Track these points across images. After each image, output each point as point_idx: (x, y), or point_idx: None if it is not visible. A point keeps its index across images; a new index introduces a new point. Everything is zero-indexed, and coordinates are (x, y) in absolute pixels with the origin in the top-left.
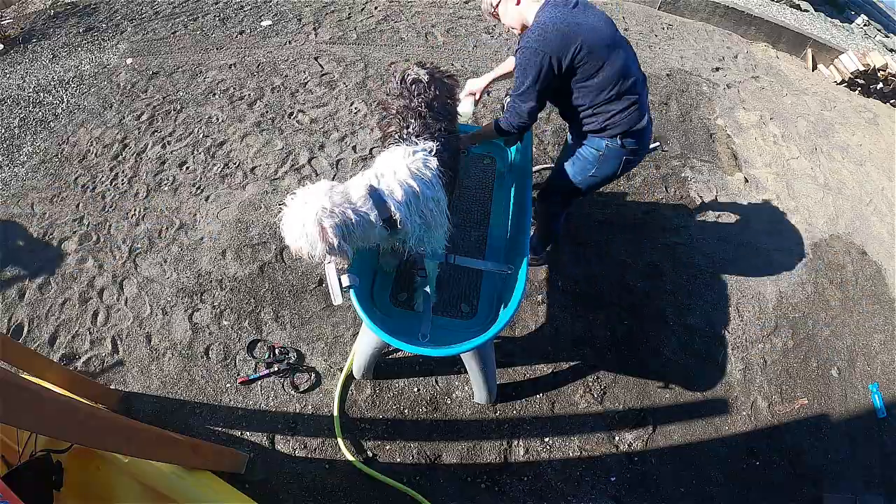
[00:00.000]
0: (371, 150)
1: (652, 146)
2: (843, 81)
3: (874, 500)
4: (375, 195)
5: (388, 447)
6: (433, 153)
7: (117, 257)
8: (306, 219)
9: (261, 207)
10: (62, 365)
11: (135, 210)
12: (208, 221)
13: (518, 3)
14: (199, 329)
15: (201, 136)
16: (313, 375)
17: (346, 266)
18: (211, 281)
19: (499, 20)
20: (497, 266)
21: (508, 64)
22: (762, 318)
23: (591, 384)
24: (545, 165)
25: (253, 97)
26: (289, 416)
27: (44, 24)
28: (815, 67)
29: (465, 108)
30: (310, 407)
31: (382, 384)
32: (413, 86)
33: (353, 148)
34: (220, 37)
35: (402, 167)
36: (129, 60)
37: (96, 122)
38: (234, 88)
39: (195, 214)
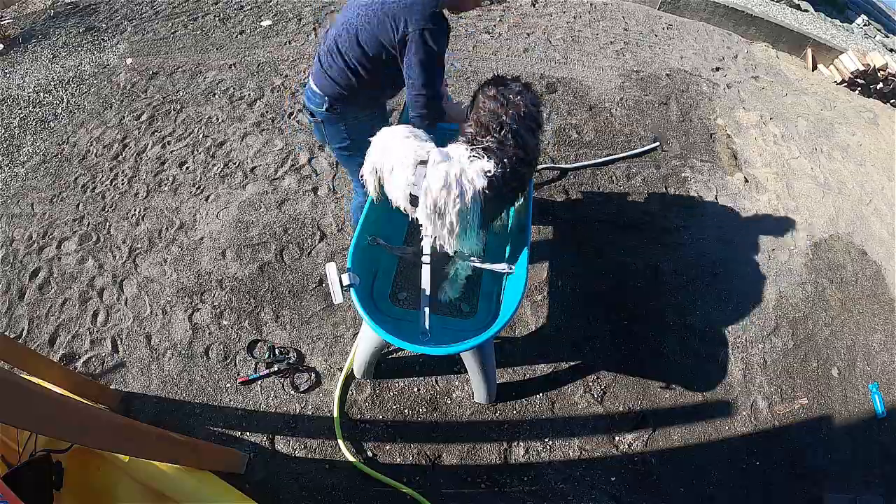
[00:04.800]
0: None
1: (651, 146)
2: (843, 81)
3: (874, 500)
4: (421, 169)
5: (388, 447)
6: (490, 174)
7: (117, 257)
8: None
9: (261, 207)
10: (62, 365)
11: (135, 210)
12: (208, 221)
13: None
14: (199, 329)
15: (201, 136)
16: (313, 375)
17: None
18: (211, 281)
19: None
20: (497, 263)
21: None
22: (762, 318)
23: (591, 384)
24: (545, 165)
25: (253, 97)
26: (289, 416)
27: (44, 24)
28: (815, 67)
29: None
30: (310, 407)
31: (382, 384)
32: (518, 96)
33: None
34: (220, 37)
35: (456, 166)
36: (129, 60)
37: (96, 122)
38: (234, 88)
39: (195, 214)
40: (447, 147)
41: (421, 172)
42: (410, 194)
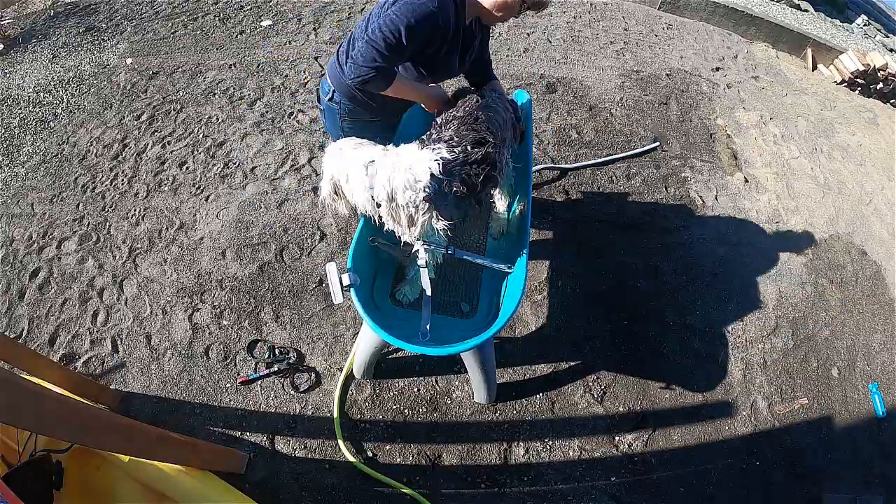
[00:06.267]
0: None
1: (651, 146)
2: (843, 81)
3: (874, 500)
4: (372, 169)
5: (388, 447)
6: (441, 158)
7: (117, 257)
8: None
9: (261, 207)
10: (62, 365)
11: (135, 210)
12: (208, 221)
13: None
14: (199, 329)
15: (201, 136)
16: (313, 375)
17: (345, 211)
18: (211, 281)
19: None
20: (497, 262)
21: None
22: (762, 318)
23: (591, 384)
24: (545, 165)
25: (253, 97)
26: (289, 416)
27: (44, 24)
28: (815, 67)
29: None
30: (310, 407)
31: (382, 384)
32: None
33: None
34: (220, 37)
35: (405, 157)
36: (129, 60)
37: (96, 122)
38: (234, 88)
39: (195, 214)
40: (398, 147)
41: (373, 173)
42: (372, 198)
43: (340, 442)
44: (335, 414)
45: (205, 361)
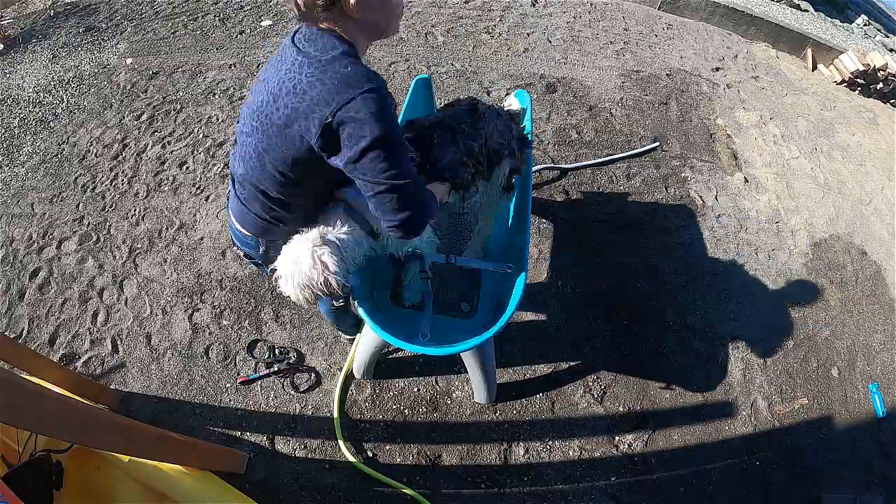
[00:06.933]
0: None
1: (651, 146)
2: (843, 81)
3: (874, 500)
4: (350, 211)
5: (388, 447)
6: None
7: (117, 257)
8: (302, 261)
9: None
10: (62, 365)
11: (135, 210)
12: (208, 221)
13: None
14: (199, 329)
15: (201, 136)
16: (313, 375)
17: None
18: (211, 281)
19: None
20: (497, 265)
21: None
22: (762, 319)
23: (591, 384)
24: (545, 165)
25: None
26: (289, 416)
27: (44, 24)
28: (815, 67)
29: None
30: (310, 407)
31: (382, 384)
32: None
33: None
34: (220, 37)
35: None
36: (129, 60)
37: (96, 122)
38: (234, 88)
39: (195, 214)
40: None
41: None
42: (367, 231)
43: (340, 442)
44: (335, 414)
45: (205, 361)
